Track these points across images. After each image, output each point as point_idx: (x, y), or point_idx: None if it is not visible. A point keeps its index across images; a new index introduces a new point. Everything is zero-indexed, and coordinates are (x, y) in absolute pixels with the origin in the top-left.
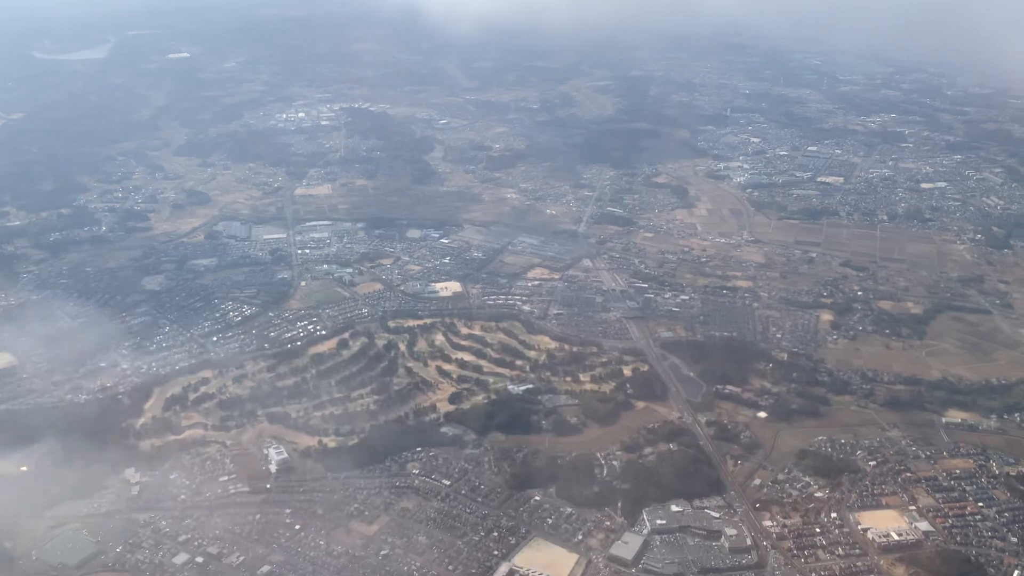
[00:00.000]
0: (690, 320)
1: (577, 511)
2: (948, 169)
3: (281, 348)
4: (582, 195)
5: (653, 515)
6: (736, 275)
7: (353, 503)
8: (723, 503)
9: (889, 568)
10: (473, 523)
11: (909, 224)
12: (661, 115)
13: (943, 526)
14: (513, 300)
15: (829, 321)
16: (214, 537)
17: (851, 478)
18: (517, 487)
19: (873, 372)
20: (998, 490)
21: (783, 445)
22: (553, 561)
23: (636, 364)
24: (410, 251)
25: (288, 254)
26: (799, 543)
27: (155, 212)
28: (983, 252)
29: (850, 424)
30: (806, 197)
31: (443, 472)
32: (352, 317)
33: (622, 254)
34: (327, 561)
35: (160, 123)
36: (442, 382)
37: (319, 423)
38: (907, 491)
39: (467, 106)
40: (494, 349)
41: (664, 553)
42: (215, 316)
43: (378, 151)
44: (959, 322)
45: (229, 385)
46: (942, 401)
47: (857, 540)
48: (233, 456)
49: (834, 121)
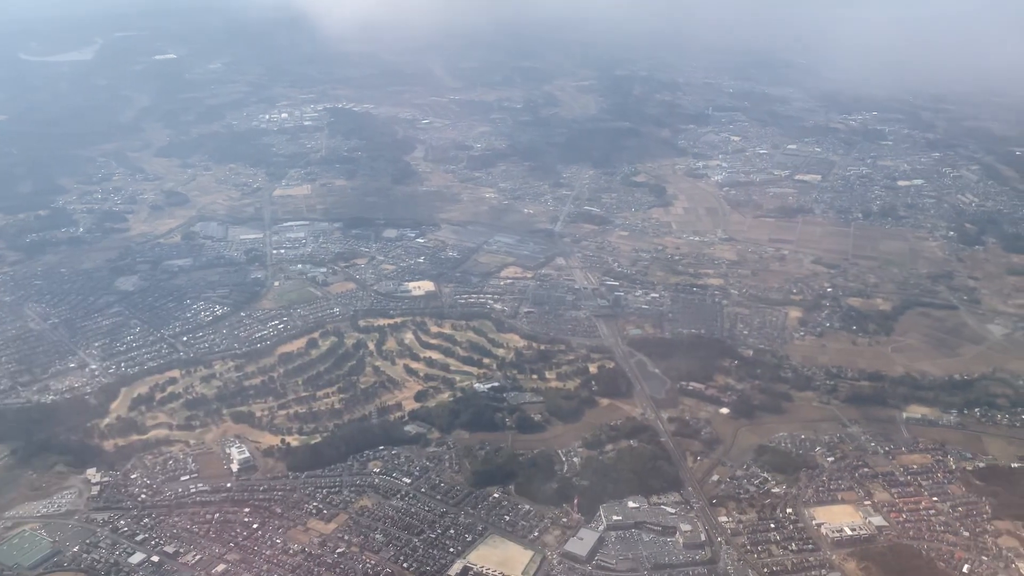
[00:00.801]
0: (659, 318)
1: (535, 508)
2: (926, 167)
3: (250, 348)
4: (560, 194)
5: (610, 511)
6: (708, 273)
7: (312, 502)
8: (680, 499)
9: (841, 563)
10: (431, 521)
11: (883, 221)
12: (643, 114)
13: (897, 521)
14: (485, 299)
15: (797, 318)
16: (171, 536)
17: (809, 474)
18: (477, 484)
19: (838, 368)
20: (954, 485)
21: (743, 441)
22: (508, 558)
23: (602, 361)
24: (385, 251)
25: (263, 254)
26: (753, 539)
27: (133, 213)
28: (954, 249)
29: (811, 420)
30: (782, 195)
31: (404, 470)
32: (323, 316)
33: (596, 252)
34: (283, 559)
35: (143, 124)
36: (409, 380)
37: (283, 422)
38: (863, 486)
39: (451, 106)
40: (463, 347)
41: (618, 549)
42: (186, 316)
43: (359, 151)
44: (926, 318)
45: (196, 385)
46: (904, 397)
47: (811, 535)
48: (196, 455)
49: (816, 119)
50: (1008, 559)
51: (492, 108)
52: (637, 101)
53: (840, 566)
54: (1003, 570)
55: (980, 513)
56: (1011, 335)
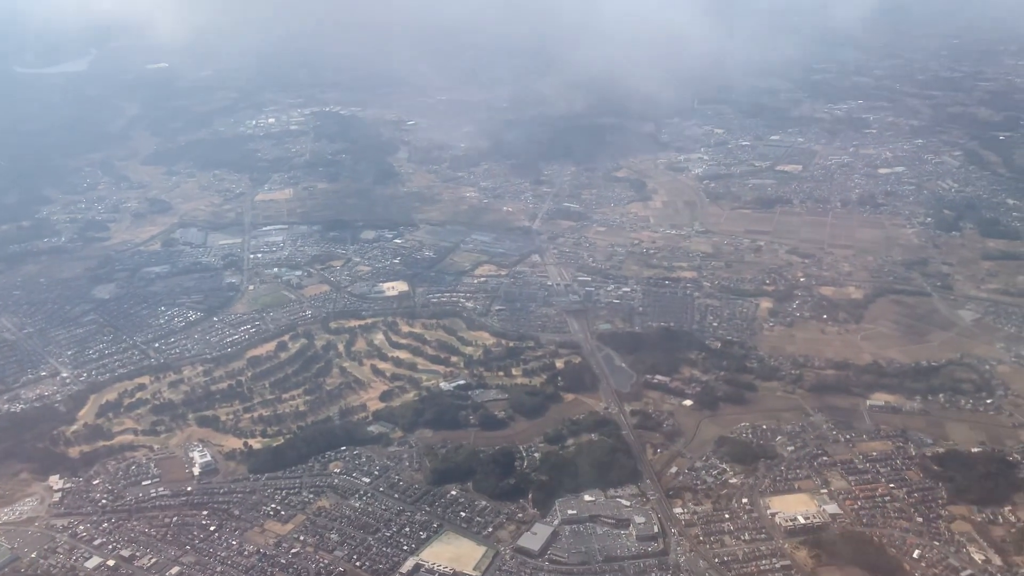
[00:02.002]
0: (629, 312)
1: (492, 504)
2: (908, 154)
3: (220, 352)
4: (541, 192)
5: (565, 505)
6: (682, 266)
7: (271, 503)
8: (637, 491)
9: (792, 551)
10: (387, 519)
11: (862, 210)
12: (629, 109)
13: (852, 508)
14: (457, 297)
15: (768, 308)
16: (129, 540)
17: (767, 463)
18: (436, 482)
19: (804, 357)
20: (912, 471)
21: (705, 432)
22: (461, 554)
23: (570, 357)
24: (362, 252)
25: (240, 259)
26: (707, 529)
27: (116, 222)
28: (931, 235)
29: (775, 410)
30: (761, 187)
31: (364, 470)
32: (295, 319)
33: (572, 249)
34: (238, 561)
35: (131, 133)
36: (375, 381)
37: (248, 425)
38: (821, 475)
39: (437, 106)
40: (431, 347)
41: (572, 543)
42: (159, 323)
43: (343, 154)
44: (898, 305)
45: (163, 390)
46: (869, 384)
47: (765, 525)
48: (158, 460)
49: (801, 109)
50: (960, 544)
51: (479, 107)
52: (624, 96)
53: (791, 555)
54: (953, 555)
55: (936, 499)
56: (981, 320)
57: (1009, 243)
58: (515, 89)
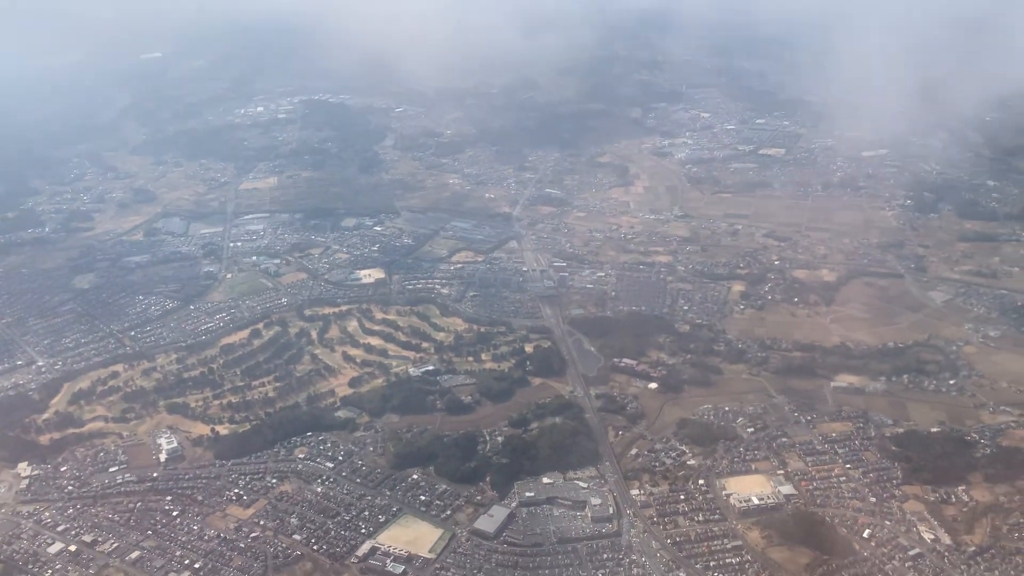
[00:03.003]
0: (602, 296)
1: (452, 487)
2: (892, 135)
3: (195, 340)
4: (524, 178)
5: (524, 488)
6: (658, 250)
7: (234, 488)
8: (596, 474)
9: (744, 532)
10: (348, 503)
11: (842, 193)
12: (617, 95)
13: (807, 489)
14: (433, 284)
15: (740, 292)
16: (92, 526)
17: (726, 445)
18: (398, 467)
19: (772, 340)
20: (869, 451)
21: (668, 415)
22: (417, 537)
23: (540, 342)
24: (341, 240)
25: (220, 248)
26: (661, 510)
27: (100, 212)
28: (909, 218)
29: (739, 392)
30: (743, 170)
31: (328, 455)
32: (271, 307)
33: (551, 234)
34: (197, 545)
35: (121, 124)
36: (346, 367)
37: (217, 412)
38: (779, 456)
39: (427, 93)
40: (404, 333)
41: (528, 525)
42: (136, 311)
43: (329, 142)
44: (870, 287)
45: (136, 378)
46: (834, 366)
47: (719, 506)
48: (126, 447)
49: (790, 93)
50: (910, 523)
51: (468, 94)
52: (614, 81)
53: (743, 535)
54: (903, 534)
55: (891, 479)
56: (951, 301)
57: (986, 224)
58: (506, 76)
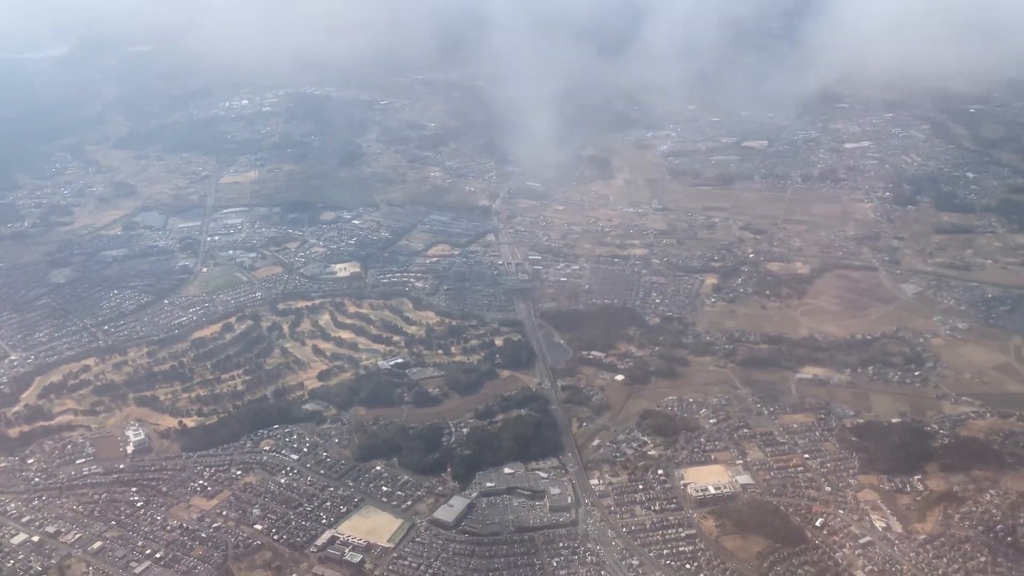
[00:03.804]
0: (575, 290)
1: (414, 478)
2: (876, 128)
3: (168, 334)
4: (506, 171)
5: (485, 478)
6: (634, 243)
7: (199, 480)
8: (558, 464)
9: (699, 520)
10: (311, 494)
11: (821, 185)
12: (605, 85)
13: (764, 479)
14: (408, 278)
15: (712, 284)
16: (57, 517)
17: (687, 436)
18: (363, 458)
19: (741, 332)
20: (829, 442)
21: (633, 407)
22: (377, 527)
23: (510, 335)
24: (319, 234)
25: (197, 242)
26: (619, 500)
27: (80, 206)
28: (887, 210)
29: (705, 384)
30: (724, 163)
31: (294, 447)
32: (245, 301)
33: (529, 228)
34: (160, 535)
35: (106, 117)
36: (315, 360)
37: (185, 405)
38: (739, 446)
39: (414, 86)
40: (376, 327)
41: (487, 514)
42: (110, 305)
43: (313, 135)
44: (842, 280)
45: (107, 371)
46: (800, 358)
47: (676, 495)
48: (94, 439)
49: (776, 85)
50: (864, 512)
51: (454, 87)
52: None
53: (698, 524)
54: (856, 522)
55: (847, 468)
56: (922, 294)
57: (963, 216)
58: (493, 68)
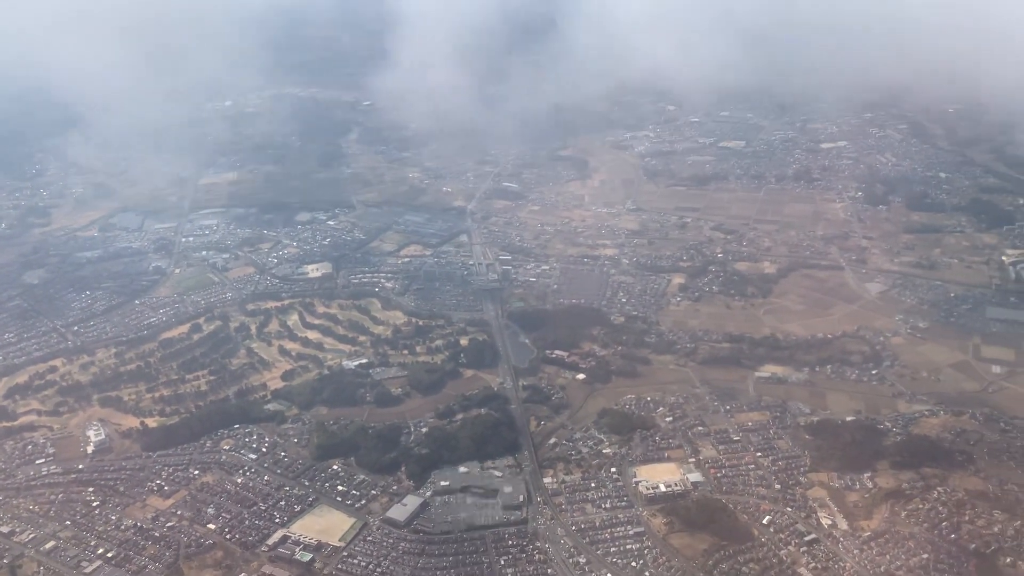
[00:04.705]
0: (543, 290)
1: (371, 477)
2: (854, 128)
3: (136, 335)
4: (484, 171)
5: (440, 477)
6: (605, 243)
7: (156, 479)
8: (513, 463)
9: (648, 518)
10: (266, 494)
11: (795, 185)
12: (587, 86)
13: (715, 476)
14: (378, 278)
15: (679, 284)
16: (12, 517)
17: (643, 434)
18: (321, 458)
19: (704, 332)
20: (782, 440)
21: (592, 405)
22: (329, 526)
23: (476, 335)
24: (293, 234)
25: (172, 243)
26: (571, 498)
27: (58, 207)
28: (858, 210)
29: (664, 382)
30: (700, 163)
31: (253, 447)
32: (215, 301)
33: (502, 228)
34: (113, 534)
35: (91, 118)
36: (281, 361)
37: (149, 405)
38: (693, 444)
39: (397, 87)
40: (343, 327)
41: (440, 513)
42: (81, 307)
43: (294, 136)
44: (809, 279)
45: (74, 372)
46: (760, 357)
47: (628, 493)
48: (55, 440)
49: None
50: (811, 509)
51: (437, 88)
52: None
53: (647, 521)
54: (803, 520)
55: (799, 466)
56: (886, 293)
57: (932, 216)
58: (478, 69)
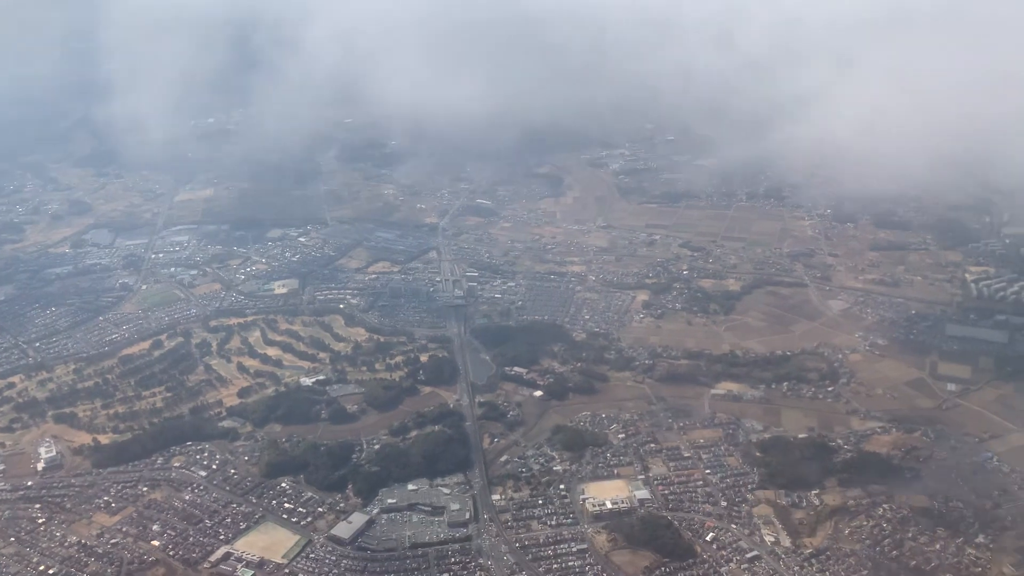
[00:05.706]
0: (508, 306)
1: (319, 495)
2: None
3: (97, 351)
4: (459, 188)
5: (388, 495)
6: (573, 260)
7: (104, 496)
8: (464, 480)
9: (593, 535)
10: (213, 511)
11: (765, 202)
12: (567, 104)
13: (663, 493)
14: (344, 294)
15: (643, 301)
16: None
17: (594, 451)
18: (270, 475)
19: (664, 348)
20: (733, 457)
21: (546, 422)
22: (273, 543)
23: (436, 351)
24: (263, 251)
25: (141, 259)
26: (517, 515)
27: (33, 224)
28: (826, 227)
29: (621, 399)
30: (673, 181)
31: (203, 464)
32: (179, 318)
33: (473, 245)
34: (56, 551)
35: (73, 135)
36: (239, 377)
37: (103, 421)
38: (644, 461)
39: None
40: (304, 343)
41: (385, 531)
42: (45, 323)
43: (273, 152)
44: (772, 296)
45: (31, 388)
46: (718, 374)
47: (574, 510)
48: (6, 456)
49: (740, 97)
50: (755, 526)
51: (416, 105)
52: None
53: (591, 538)
54: (746, 537)
55: (746, 484)
56: (848, 310)
57: (900, 233)
58: (458, 85)
